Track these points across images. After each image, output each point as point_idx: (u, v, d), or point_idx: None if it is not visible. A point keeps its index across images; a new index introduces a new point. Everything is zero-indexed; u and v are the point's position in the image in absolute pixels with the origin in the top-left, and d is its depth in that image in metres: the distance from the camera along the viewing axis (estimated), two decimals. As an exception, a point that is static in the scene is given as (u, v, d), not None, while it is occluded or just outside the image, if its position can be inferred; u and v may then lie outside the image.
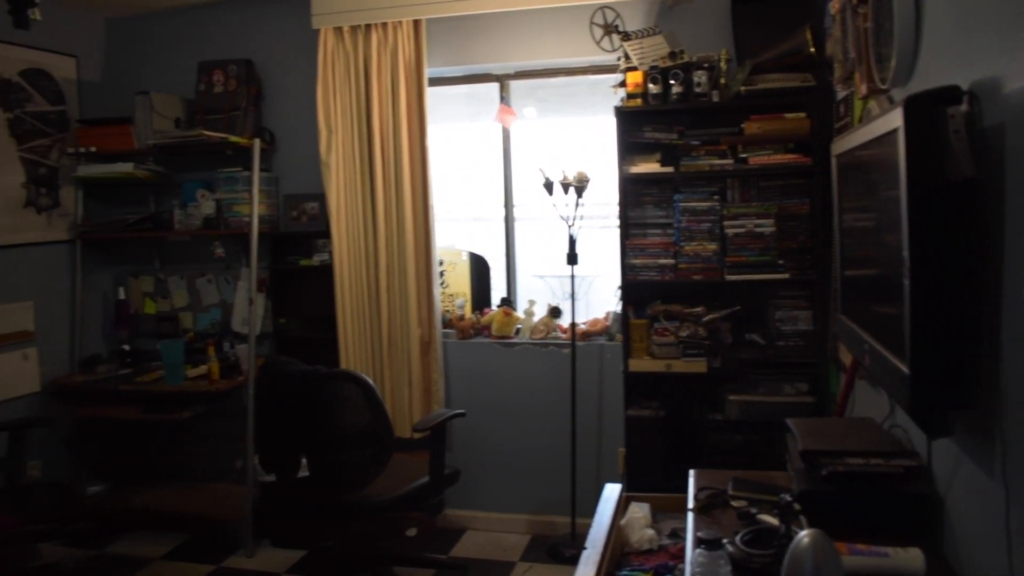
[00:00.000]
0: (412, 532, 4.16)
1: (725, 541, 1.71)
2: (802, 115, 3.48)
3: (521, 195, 4.32)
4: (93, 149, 4.42)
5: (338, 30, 4.09)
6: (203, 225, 4.33)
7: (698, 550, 1.64)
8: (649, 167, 3.66)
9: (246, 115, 4.33)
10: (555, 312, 4.19)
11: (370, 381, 3.24)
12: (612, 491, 2.60)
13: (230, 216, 4.27)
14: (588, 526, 2.36)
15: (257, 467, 3.92)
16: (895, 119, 1.52)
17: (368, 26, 4.05)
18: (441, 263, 4.32)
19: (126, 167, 4.31)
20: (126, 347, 4.53)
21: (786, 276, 3.53)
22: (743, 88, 3.47)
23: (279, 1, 4.36)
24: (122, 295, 4.62)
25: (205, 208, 4.31)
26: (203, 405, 4.17)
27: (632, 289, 3.75)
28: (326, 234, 4.22)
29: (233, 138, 4.15)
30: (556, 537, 4.08)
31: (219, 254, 4.43)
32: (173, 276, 4.69)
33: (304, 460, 3.41)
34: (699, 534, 1.66)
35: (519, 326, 4.22)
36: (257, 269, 4.19)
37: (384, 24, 4.02)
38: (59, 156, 4.45)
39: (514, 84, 4.27)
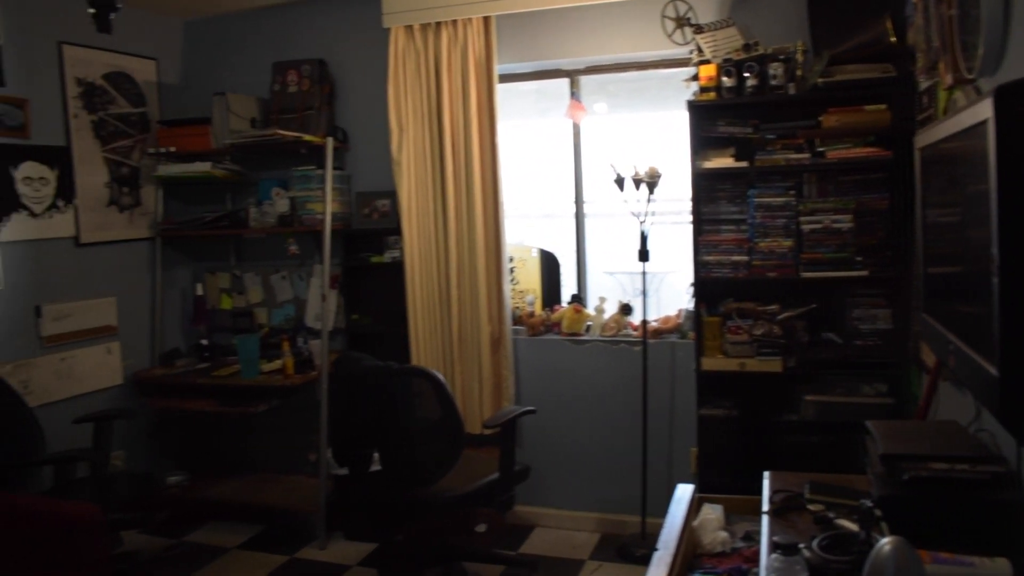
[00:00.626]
0: (482, 528, 4.18)
1: (802, 546, 1.67)
2: (882, 107, 3.37)
3: (591, 191, 4.28)
4: (172, 149, 4.54)
5: (408, 28, 4.12)
6: (278, 223, 4.41)
7: (774, 555, 1.60)
8: (723, 162, 3.60)
9: (319, 114, 4.39)
10: (626, 309, 4.15)
11: (441, 377, 3.26)
12: (684, 492, 2.56)
13: (304, 214, 4.34)
14: (658, 526, 2.34)
15: (330, 460, 3.99)
16: (984, 110, 1.45)
17: (438, 24, 4.06)
18: (511, 260, 4.32)
19: (204, 166, 4.42)
20: (204, 341, 4.65)
21: (864, 273, 3.42)
22: (820, 80, 3.38)
23: (351, 1, 4.41)
24: (200, 291, 4.74)
25: (280, 206, 4.39)
26: (278, 399, 4.25)
27: (705, 286, 3.69)
28: (397, 231, 4.26)
29: (307, 137, 4.22)
30: (626, 536, 4.05)
31: (293, 251, 4.52)
32: (249, 272, 4.80)
33: (376, 455, 3.45)
34: (775, 538, 1.62)
35: (589, 323, 4.19)
36: (330, 266, 4.25)
37: (454, 21, 4.03)
38: (140, 156, 4.59)
39: (584, 79, 4.24)
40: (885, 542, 1.45)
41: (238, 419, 4.55)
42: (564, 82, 4.26)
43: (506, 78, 4.23)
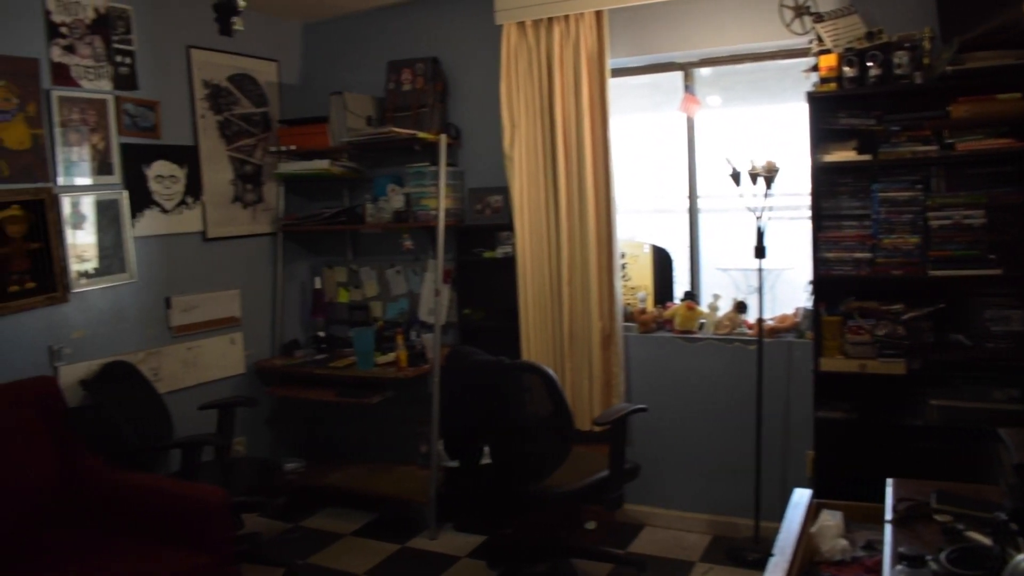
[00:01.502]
0: (591, 525, 4.17)
1: (929, 558, 1.60)
2: (1017, 95, 3.18)
3: (706, 186, 4.20)
4: (293, 147, 4.69)
5: (521, 25, 4.13)
6: (393, 218, 4.50)
7: (899, 566, 1.54)
8: (844, 155, 3.47)
9: (433, 111, 4.46)
10: (741, 307, 4.05)
11: (552, 373, 3.26)
12: (802, 496, 2.49)
13: (418, 209, 4.42)
14: (772, 530, 2.28)
15: (442, 452, 4.05)
16: None
17: (550, 19, 4.06)
18: (623, 256, 4.29)
19: (322, 164, 4.55)
20: (321, 333, 4.80)
21: (997, 272, 3.25)
22: (950, 67, 3.21)
23: (464, -1, 4.46)
24: (318, 284, 4.89)
25: (395, 202, 4.48)
26: (391, 391, 4.35)
27: (824, 284, 3.57)
28: (509, 227, 4.28)
29: (421, 134, 4.29)
30: (738, 539, 3.97)
31: (408, 246, 4.61)
32: (365, 267, 4.92)
33: (486, 448, 3.48)
34: (900, 549, 1.56)
35: (703, 321, 4.12)
36: (443, 261, 4.31)
37: (566, 16, 4.02)
38: (263, 155, 4.76)
39: (698, 72, 4.16)
40: (1022, 559, 1.38)
41: (353, 409, 4.69)
42: (677, 75, 4.19)
43: (618, 72, 4.19)
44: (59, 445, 3.37)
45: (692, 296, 4.21)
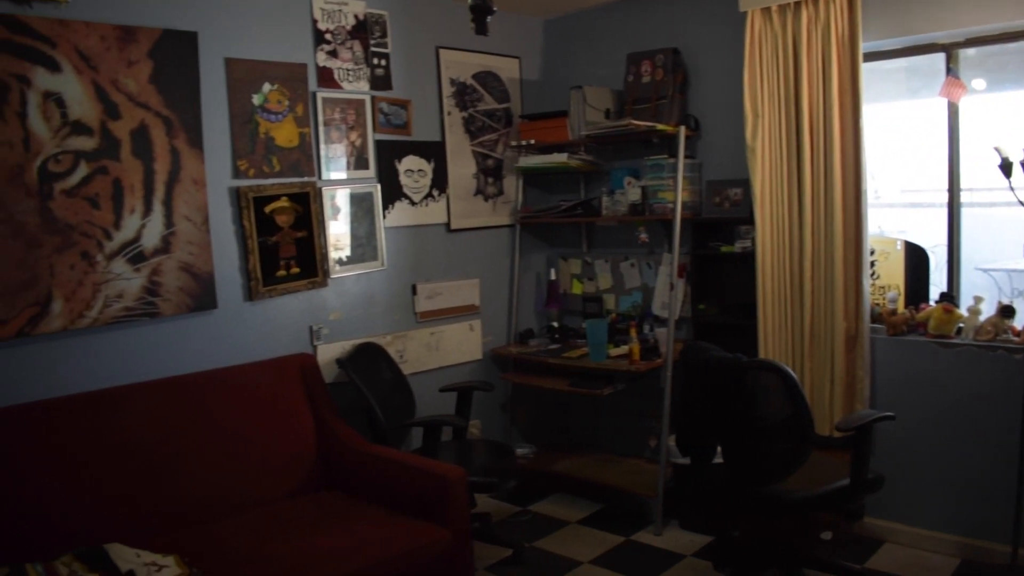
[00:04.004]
0: (827, 535, 3.96)
1: None
2: None
3: (969, 178, 3.85)
4: (532, 142, 4.80)
5: (766, 11, 3.98)
6: (629, 211, 4.50)
7: None
8: None
9: (672, 103, 4.40)
10: (1007, 311, 3.68)
11: (793, 374, 3.12)
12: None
13: (655, 202, 4.39)
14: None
15: (672, 448, 4.01)
16: None
17: (797, 3, 3.88)
18: (872, 252, 4.03)
19: (561, 158, 4.63)
20: (555, 324, 4.91)
21: None
22: None
23: (706, -13, 4.38)
24: (553, 276, 4.99)
25: (631, 195, 4.48)
26: (623, 383, 4.35)
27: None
28: (749, 220, 4.15)
29: (660, 126, 4.25)
30: (991, 566, 3.60)
31: (643, 239, 4.60)
32: (599, 259, 4.97)
33: (719, 447, 3.41)
34: None
35: (961, 325, 3.78)
36: (678, 255, 4.26)
37: (815, 0, 3.84)
38: (504, 149, 4.93)
39: (963, 53, 3.82)
40: None
41: (584, 399, 4.75)
42: (938, 57, 3.85)
43: (871, 56, 3.93)
44: (317, 416, 3.69)
45: (950, 298, 3.87)
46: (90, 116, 3.24)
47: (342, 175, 4.12)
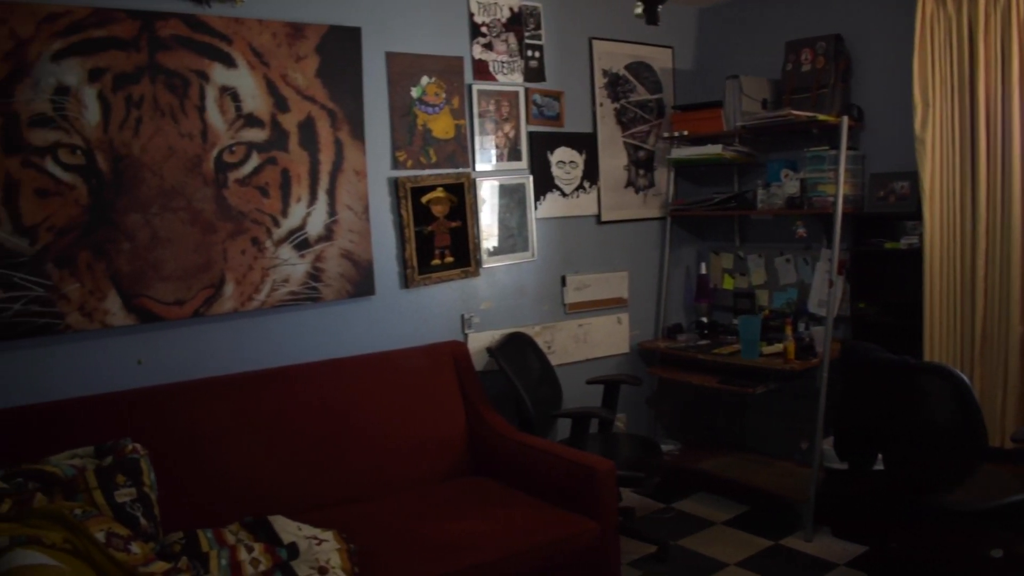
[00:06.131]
0: (997, 553, 3.71)
1: None
2: None
3: None
4: (685, 133, 4.72)
5: (941, -7, 3.78)
6: (785, 204, 4.35)
7: None
8: None
9: (834, 92, 4.23)
10: None
11: (965, 379, 2.95)
12: None
13: (814, 196, 4.22)
14: None
15: (825, 451, 3.86)
16: None
17: (976, -14, 3.66)
18: (1054, 251, 3.75)
19: (715, 149, 4.53)
20: (704, 319, 4.81)
21: None
22: None
23: (874, -29, 4.17)
24: (703, 270, 4.90)
25: (788, 188, 4.33)
26: (776, 382, 4.23)
27: None
28: (916, 216, 3.94)
29: (821, 117, 4.09)
30: None
31: (801, 234, 4.45)
32: (752, 254, 4.83)
33: (881, 453, 3.26)
34: None
35: None
36: (838, 250, 4.09)
37: (997, -19, 3.60)
38: (655, 140, 4.87)
39: None
40: None
41: (734, 397, 4.65)
42: None
43: (1060, 40, 3.66)
44: (468, 403, 3.77)
45: None
46: (262, 109, 3.41)
47: (495, 166, 4.18)
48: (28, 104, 2.92)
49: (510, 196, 4.22)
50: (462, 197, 4.00)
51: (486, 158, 4.13)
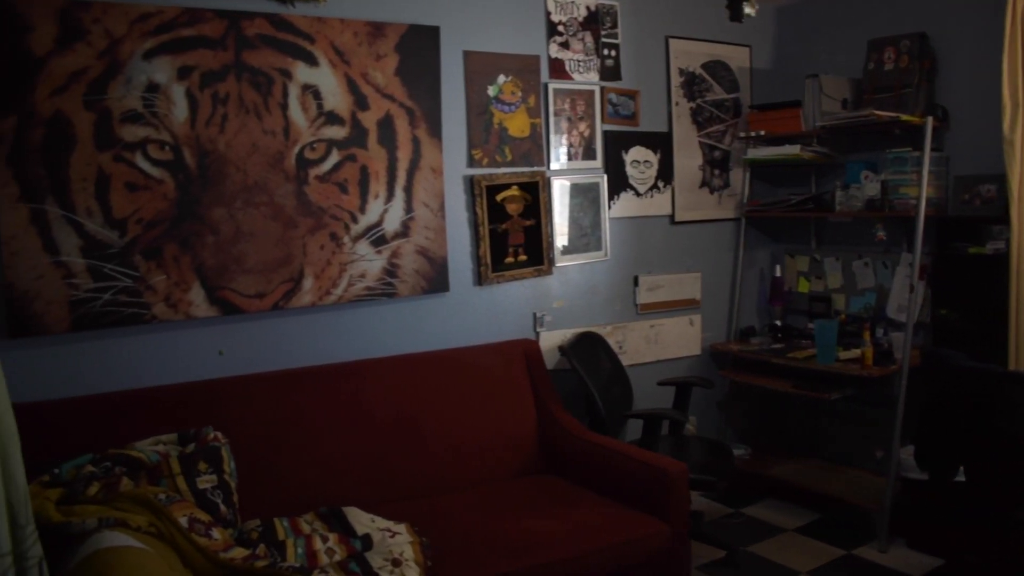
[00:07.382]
0: (1082, 570, 3.59)
1: None
2: None
3: None
4: (762, 133, 4.66)
5: (1036, -9, 3.65)
6: (865, 207, 4.26)
7: None
8: None
9: (918, 92, 4.12)
10: None
11: (1057, 389, 2.86)
12: None
13: (895, 198, 4.11)
14: None
15: (906, 460, 3.77)
16: None
17: (1075, -18, 3.53)
18: None
19: (792, 149, 4.45)
20: (778, 322, 4.73)
21: None
22: None
23: (960, -33, 4.06)
24: (778, 272, 4.81)
25: (868, 189, 4.24)
26: (852, 388, 4.14)
27: None
28: (1002, 220, 3.81)
29: (904, 117, 3.99)
30: None
31: (880, 237, 4.35)
32: (829, 257, 4.74)
33: (963, 464, 3.17)
34: None
35: None
36: (920, 254, 3.98)
37: (1098, -23, 3.47)
38: (731, 140, 4.81)
39: None
40: None
41: (807, 403, 4.57)
42: None
43: None
44: (539, 401, 3.78)
45: None
46: (342, 107, 3.47)
47: (570, 165, 4.17)
48: (120, 101, 3.03)
49: (584, 195, 4.21)
50: (536, 195, 4.01)
51: (561, 157, 4.13)
